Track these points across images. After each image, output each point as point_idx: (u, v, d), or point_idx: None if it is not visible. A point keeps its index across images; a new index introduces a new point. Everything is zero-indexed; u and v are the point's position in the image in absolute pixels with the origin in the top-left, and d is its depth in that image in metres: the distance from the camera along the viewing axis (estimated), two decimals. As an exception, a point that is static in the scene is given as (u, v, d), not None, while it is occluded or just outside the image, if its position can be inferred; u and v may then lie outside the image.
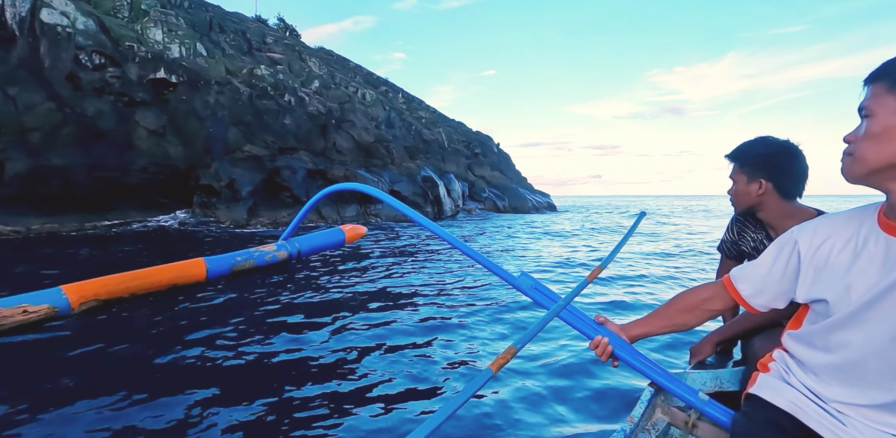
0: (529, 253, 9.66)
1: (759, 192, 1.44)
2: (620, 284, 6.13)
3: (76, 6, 16.96)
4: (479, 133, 45.32)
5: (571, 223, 21.54)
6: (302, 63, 26.06)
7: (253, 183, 15.56)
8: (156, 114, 16.02)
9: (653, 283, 6.36)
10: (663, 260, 8.95)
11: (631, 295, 5.56)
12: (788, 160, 1.41)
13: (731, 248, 1.72)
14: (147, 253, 8.65)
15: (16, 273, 6.15)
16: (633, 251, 9.78)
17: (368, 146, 21.78)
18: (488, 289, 5.59)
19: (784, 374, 1.03)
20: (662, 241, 12.51)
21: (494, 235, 14.10)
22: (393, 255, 8.13)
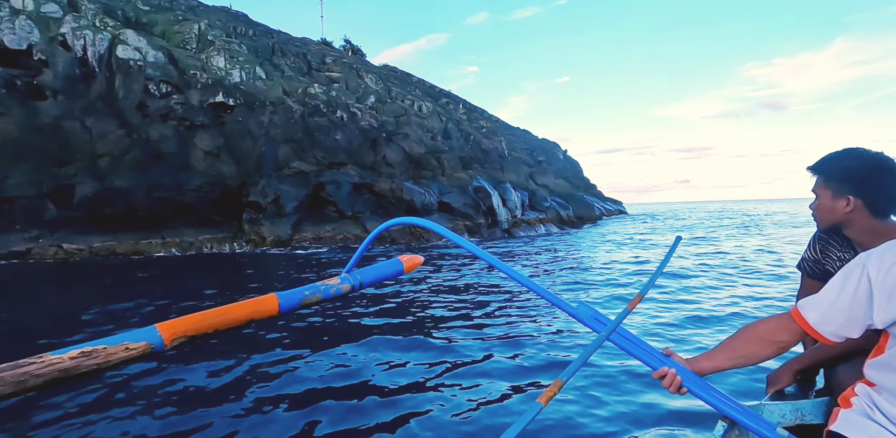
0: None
1: (846, 210, 1.33)
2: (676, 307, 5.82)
3: (148, 41, 18.50)
4: (546, 140, 43.82)
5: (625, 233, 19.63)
6: (359, 80, 26.64)
7: (298, 198, 15.78)
8: (212, 136, 16.87)
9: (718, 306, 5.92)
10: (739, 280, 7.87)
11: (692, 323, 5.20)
12: (882, 175, 1.28)
13: (813, 267, 1.58)
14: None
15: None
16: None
17: (419, 158, 21.52)
18: (543, 315, 5.57)
19: (868, 410, 1.01)
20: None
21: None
22: (446, 282, 8.32)
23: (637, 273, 9.11)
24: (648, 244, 15.67)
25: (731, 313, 5.48)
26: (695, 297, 6.46)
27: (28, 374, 0.72)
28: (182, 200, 15.13)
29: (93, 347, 0.80)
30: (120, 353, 0.83)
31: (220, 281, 9.31)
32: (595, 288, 7.66)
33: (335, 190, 16.60)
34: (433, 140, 26.32)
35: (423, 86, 40.18)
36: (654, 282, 1.56)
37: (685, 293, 6.78)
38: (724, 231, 21.72)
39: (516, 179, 28.17)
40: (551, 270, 10.00)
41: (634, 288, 7.35)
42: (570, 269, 9.84)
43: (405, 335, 4.71)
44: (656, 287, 6.94)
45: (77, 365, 0.77)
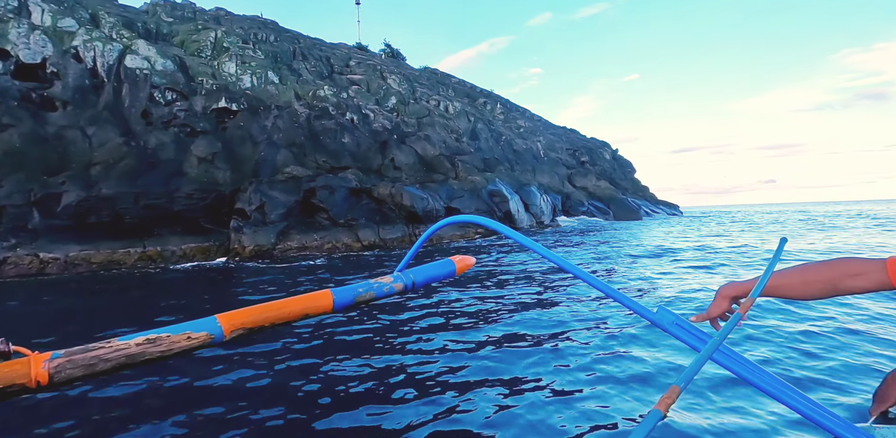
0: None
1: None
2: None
3: (157, 49, 18.66)
4: (594, 139, 40.81)
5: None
6: (381, 81, 25.81)
7: (286, 205, 14.96)
8: (210, 142, 16.54)
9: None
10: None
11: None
12: None
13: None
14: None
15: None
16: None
17: (432, 160, 20.16)
18: (616, 319, 5.24)
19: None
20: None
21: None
22: (500, 284, 8.08)
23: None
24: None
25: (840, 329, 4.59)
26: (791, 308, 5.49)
27: (98, 358, 0.76)
28: (171, 208, 14.82)
29: (157, 335, 0.84)
30: (182, 342, 0.87)
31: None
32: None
33: (328, 195, 15.63)
34: (457, 141, 24.87)
35: (464, 87, 38.90)
36: (763, 286, 1.17)
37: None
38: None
39: (549, 182, 26.00)
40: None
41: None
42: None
43: (459, 337, 4.63)
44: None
45: (142, 352, 0.81)
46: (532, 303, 6.36)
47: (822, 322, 4.88)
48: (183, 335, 0.85)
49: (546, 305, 6.19)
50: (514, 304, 6.30)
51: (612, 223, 23.91)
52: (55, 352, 0.73)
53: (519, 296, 6.91)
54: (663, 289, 7.10)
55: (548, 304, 6.27)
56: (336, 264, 12.07)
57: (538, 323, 5.17)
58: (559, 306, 6.10)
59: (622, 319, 5.25)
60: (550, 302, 6.41)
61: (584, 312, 5.70)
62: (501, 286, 7.90)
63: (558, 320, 5.32)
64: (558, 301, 6.47)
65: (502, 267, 10.00)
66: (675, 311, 1.10)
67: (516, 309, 5.94)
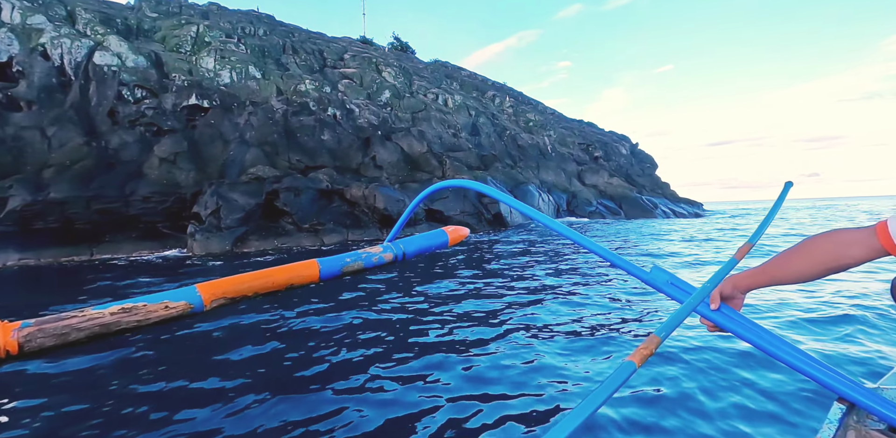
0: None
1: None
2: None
3: (129, 45, 17.91)
4: (612, 133, 38.35)
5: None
6: (375, 75, 24.51)
7: (244, 209, 13.87)
8: (175, 141, 15.65)
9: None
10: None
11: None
12: None
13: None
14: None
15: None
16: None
17: (418, 157, 18.74)
18: (610, 282, 5.35)
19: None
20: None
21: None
22: (495, 255, 7.95)
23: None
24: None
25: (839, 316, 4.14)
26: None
27: (70, 327, 0.72)
28: (127, 212, 13.97)
29: (133, 304, 0.80)
30: (160, 311, 0.82)
31: None
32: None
33: (292, 198, 14.46)
34: (454, 137, 23.36)
35: (474, 81, 37.26)
36: (765, 231, 1.34)
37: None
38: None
39: (554, 179, 24.16)
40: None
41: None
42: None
43: (456, 304, 4.48)
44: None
45: (117, 321, 0.77)
46: (526, 270, 6.23)
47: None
48: (160, 304, 0.82)
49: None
50: (506, 271, 6.15)
51: (611, 223, 21.91)
52: (25, 321, 0.71)
53: (512, 263, 6.92)
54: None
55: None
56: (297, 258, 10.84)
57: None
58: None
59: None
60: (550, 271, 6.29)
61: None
62: (495, 256, 7.80)
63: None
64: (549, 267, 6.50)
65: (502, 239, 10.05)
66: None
67: (512, 275, 5.82)
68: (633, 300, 4.88)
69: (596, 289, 5.41)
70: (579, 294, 5.17)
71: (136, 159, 15.11)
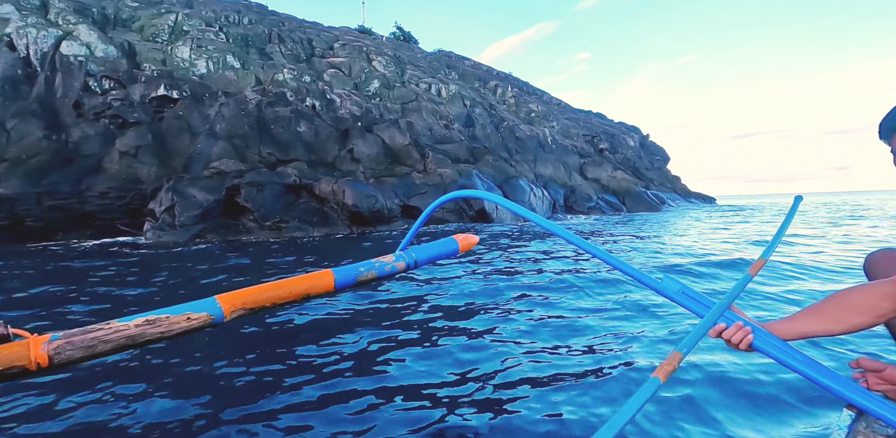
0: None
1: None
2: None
3: (99, 35, 17.25)
4: (622, 124, 36.56)
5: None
6: (365, 64, 23.47)
7: (202, 205, 13.06)
8: (139, 134, 14.93)
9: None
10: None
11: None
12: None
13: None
14: None
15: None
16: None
17: (399, 150, 17.69)
18: (624, 292, 5.00)
19: None
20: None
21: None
22: (508, 261, 7.57)
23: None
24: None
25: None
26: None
27: (97, 340, 0.73)
28: (82, 208, 13.32)
29: (157, 316, 0.80)
30: (182, 323, 0.83)
31: None
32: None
33: (255, 194, 13.59)
34: (446, 128, 22.23)
35: (477, 71, 35.97)
36: (776, 247, 1.34)
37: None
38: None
39: (552, 173, 22.82)
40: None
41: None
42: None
43: (468, 314, 4.31)
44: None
45: (142, 333, 0.77)
46: (536, 277, 5.96)
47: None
48: (182, 316, 0.83)
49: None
50: (520, 280, 5.88)
51: (609, 217, 20.49)
52: (54, 334, 0.71)
53: (524, 270, 6.51)
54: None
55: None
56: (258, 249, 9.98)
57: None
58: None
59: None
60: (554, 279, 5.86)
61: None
62: (507, 262, 7.45)
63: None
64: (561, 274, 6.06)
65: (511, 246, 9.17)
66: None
67: (520, 286, 5.53)
68: (648, 306, 4.59)
69: (603, 297, 5.00)
70: (583, 299, 4.86)
71: (96, 153, 14.44)
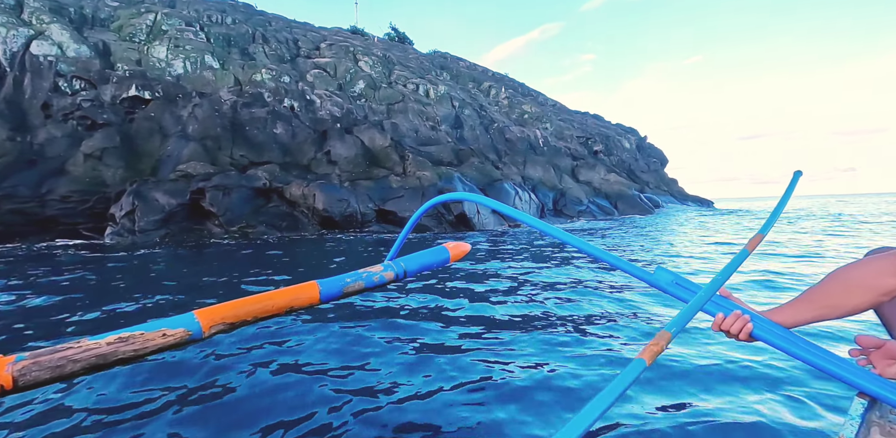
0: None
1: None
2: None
3: (72, 34, 16.86)
4: (619, 125, 35.84)
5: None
6: (351, 64, 22.98)
7: (165, 209, 12.58)
8: (106, 136, 14.50)
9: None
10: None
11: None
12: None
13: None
14: None
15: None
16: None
17: (379, 152, 17.15)
18: (618, 288, 5.04)
19: None
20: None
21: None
22: (501, 261, 7.48)
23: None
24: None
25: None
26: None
27: (66, 359, 0.70)
28: (44, 212, 12.89)
29: (130, 333, 0.77)
30: (157, 340, 0.79)
31: None
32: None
33: (220, 197, 13.10)
34: (432, 130, 21.68)
35: (472, 71, 35.42)
36: (775, 221, 1.30)
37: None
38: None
39: (542, 176, 22.19)
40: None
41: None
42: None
43: (460, 318, 4.20)
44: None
45: (114, 351, 0.74)
46: (533, 276, 5.88)
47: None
48: (158, 332, 0.79)
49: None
50: (514, 280, 5.80)
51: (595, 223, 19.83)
52: (20, 355, 0.69)
53: (519, 270, 6.42)
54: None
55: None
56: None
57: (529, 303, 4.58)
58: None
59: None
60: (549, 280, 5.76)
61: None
62: (500, 262, 7.36)
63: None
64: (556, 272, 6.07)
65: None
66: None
67: (513, 283, 5.51)
68: (639, 300, 4.51)
69: (594, 294, 4.90)
70: (575, 300, 4.73)
71: (61, 155, 14.02)
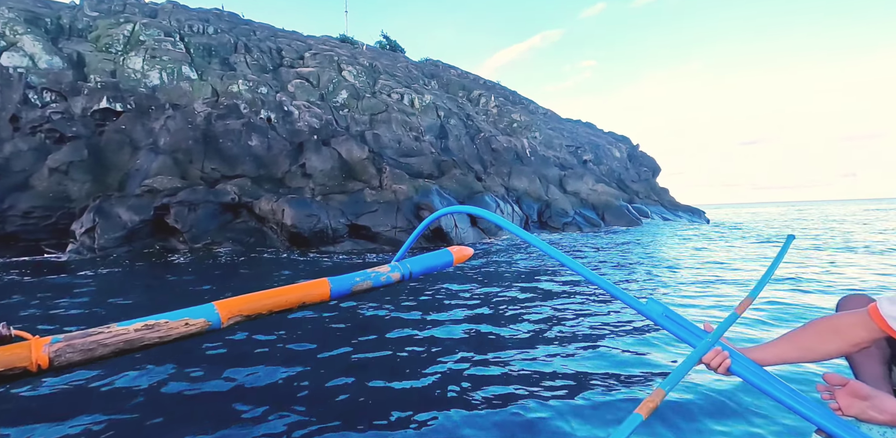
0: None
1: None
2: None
3: (45, 46, 16.62)
4: (611, 134, 35.52)
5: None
6: (334, 73, 22.72)
7: (127, 226, 12.22)
8: (74, 149, 14.17)
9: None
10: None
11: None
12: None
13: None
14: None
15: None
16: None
17: (355, 164, 16.81)
18: (610, 312, 5.08)
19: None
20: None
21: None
22: (498, 275, 7.41)
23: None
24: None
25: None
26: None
27: (97, 343, 0.74)
28: (3, 228, 12.52)
29: (155, 321, 0.82)
30: (180, 328, 0.84)
31: None
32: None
33: (186, 213, 12.75)
34: (416, 140, 21.36)
35: (463, 80, 35.17)
36: (765, 285, 1.31)
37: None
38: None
39: (528, 186, 21.82)
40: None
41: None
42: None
43: (456, 331, 4.36)
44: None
45: (141, 337, 0.79)
46: (527, 295, 5.87)
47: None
48: (181, 321, 0.84)
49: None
50: (508, 296, 5.77)
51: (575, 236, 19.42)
52: (55, 337, 0.72)
53: (514, 286, 6.40)
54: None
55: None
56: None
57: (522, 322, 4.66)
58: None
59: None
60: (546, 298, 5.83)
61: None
62: (497, 277, 7.33)
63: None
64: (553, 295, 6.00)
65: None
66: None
67: (512, 302, 5.46)
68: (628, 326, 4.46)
69: (581, 320, 4.80)
70: (564, 323, 4.62)
71: (26, 170, 13.70)
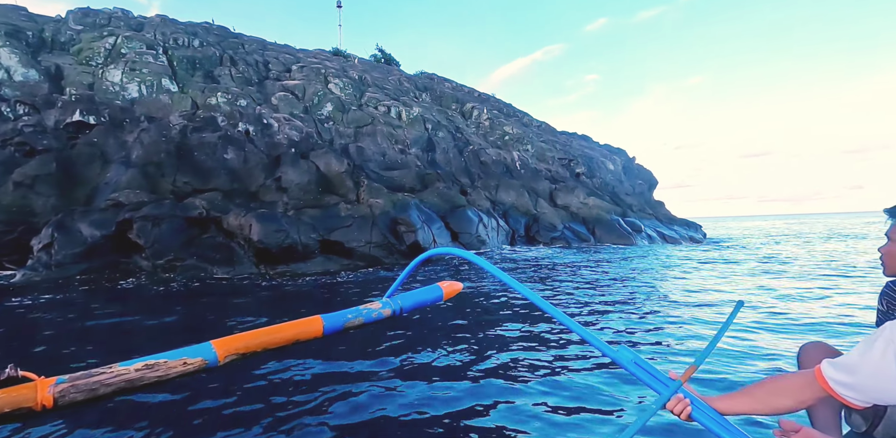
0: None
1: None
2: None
3: (21, 59, 16.47)
4: (606, 146, 35.11)
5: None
6: (320, 86, 22.50)
7: (86, 242, 11.81)
8: (42, 163, 13.86)
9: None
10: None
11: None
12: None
13: (883, 322, 1.27)
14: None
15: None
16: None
17: (333, 178, 16.40)
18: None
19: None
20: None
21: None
22: (486, 312, 7.21)
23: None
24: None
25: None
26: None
27: (99, 383, 0.77)
28: (-40, 245, 12.13)
29: (155, 360, 0.84)
30: (179, 367, 0.86)
31: None
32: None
33: (149, 228, 12.33)
34: (401, 153, 21.00)
35: (457, 92, 35.03)
36: (710, 353, 1.29)
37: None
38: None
39: (515, 200, 21.33)
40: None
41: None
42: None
43: (449, 362, 4.53)
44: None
45: (141, 377, 0.81)
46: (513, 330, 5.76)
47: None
48: (179, 361, 0.87)
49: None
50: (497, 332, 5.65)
51: (554, 251, 18.81)
52: (60, 377, 0.75)
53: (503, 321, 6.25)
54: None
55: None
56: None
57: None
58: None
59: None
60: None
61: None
62: (485, 313, 7.21)
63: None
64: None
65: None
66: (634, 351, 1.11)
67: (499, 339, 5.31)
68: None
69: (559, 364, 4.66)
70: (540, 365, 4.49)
71: (-9, 184, 13.39)
